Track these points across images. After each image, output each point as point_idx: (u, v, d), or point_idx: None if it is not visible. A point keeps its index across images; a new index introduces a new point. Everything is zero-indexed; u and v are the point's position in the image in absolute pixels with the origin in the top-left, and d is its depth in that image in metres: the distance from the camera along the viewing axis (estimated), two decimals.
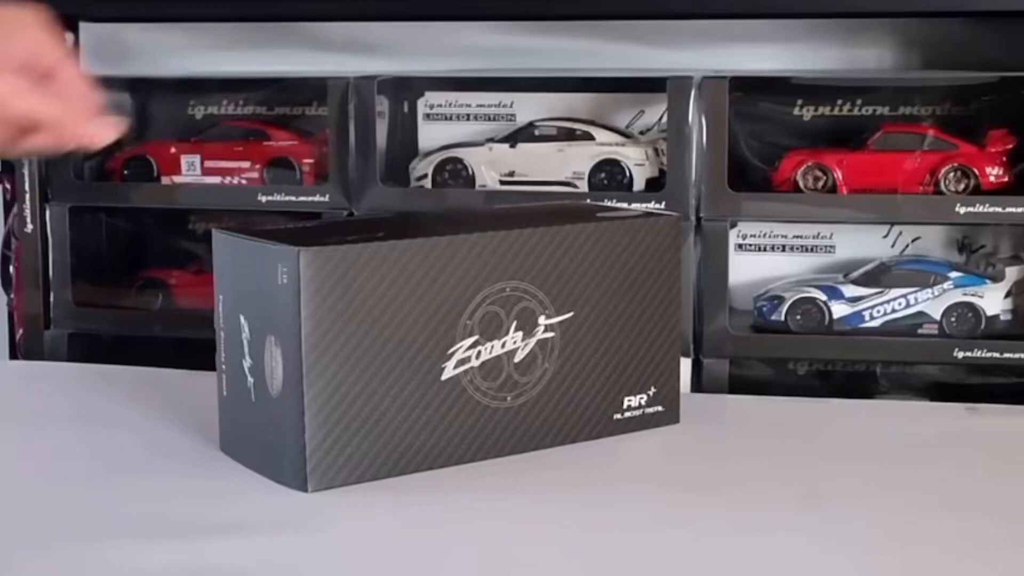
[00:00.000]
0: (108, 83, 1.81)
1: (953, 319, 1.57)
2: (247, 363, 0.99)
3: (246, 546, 0.85)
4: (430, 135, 1.75)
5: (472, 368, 1.00)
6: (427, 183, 1.66)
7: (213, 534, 0.87)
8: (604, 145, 1.64)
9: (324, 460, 0.95)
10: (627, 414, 1.09)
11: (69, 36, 1.92)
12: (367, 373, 0.96)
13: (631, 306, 1.08)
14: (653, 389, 1.10)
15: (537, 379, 1.04)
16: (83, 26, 1.94)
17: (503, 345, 1.02)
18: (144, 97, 1.87)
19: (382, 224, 1.09)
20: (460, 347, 1.00)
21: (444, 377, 0.99)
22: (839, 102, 1.68)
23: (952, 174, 1.55)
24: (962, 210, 1.52)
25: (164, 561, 0.83)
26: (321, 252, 0.94)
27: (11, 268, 1.78)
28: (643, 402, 1.09)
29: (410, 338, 0.97)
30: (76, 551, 0.85)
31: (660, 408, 1.10)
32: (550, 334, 1.04)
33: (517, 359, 1.02)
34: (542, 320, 1.03)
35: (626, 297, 1.07)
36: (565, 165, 1.63)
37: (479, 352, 1.00)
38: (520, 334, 1.02)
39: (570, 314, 1.04)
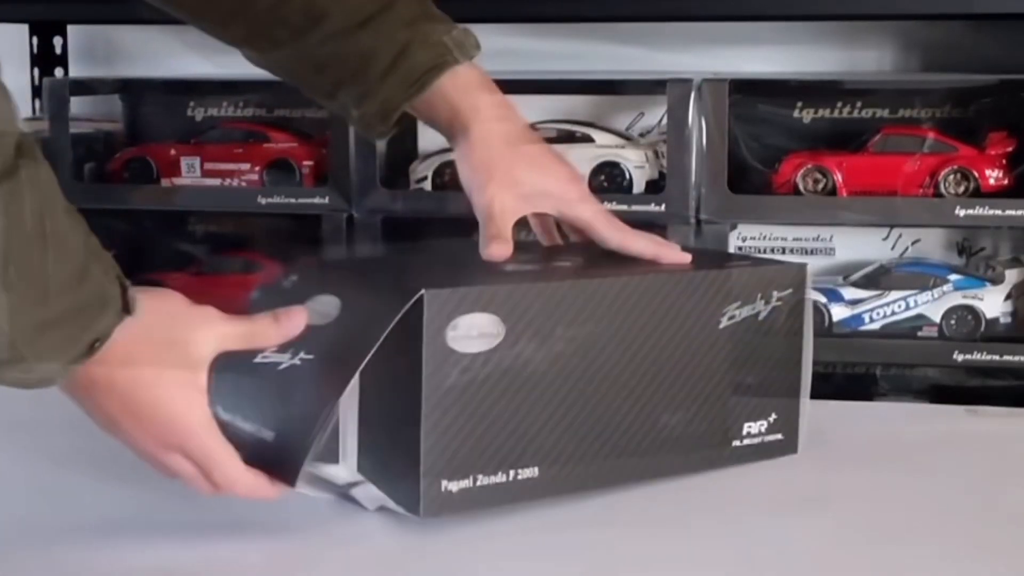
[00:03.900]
0: (107, 85, 1.84)
1: (953, 321, 1.57)
2: None
3: (246, 546, 0.85)
4: (430, 138, 1.75)
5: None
6: (427, 185, 1.66)
7: (213, 534, 0.87)
8: (604, 147, 1.64)
9: None
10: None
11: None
12: None
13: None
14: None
15: None
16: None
17: None
18: (143, 99, 1.87)
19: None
20: None
21: None
22: (839, 104, 1.68)
23: (952, 176, 1.55)
24: (962, 212, 1.52)
25: (164, 561, 0.83)
26: None
27: None
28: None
29: None
30: (76, 551, 0.85)
31: None
32: None
33: None
34: None
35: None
36: None
37: None
38: None
39: None
